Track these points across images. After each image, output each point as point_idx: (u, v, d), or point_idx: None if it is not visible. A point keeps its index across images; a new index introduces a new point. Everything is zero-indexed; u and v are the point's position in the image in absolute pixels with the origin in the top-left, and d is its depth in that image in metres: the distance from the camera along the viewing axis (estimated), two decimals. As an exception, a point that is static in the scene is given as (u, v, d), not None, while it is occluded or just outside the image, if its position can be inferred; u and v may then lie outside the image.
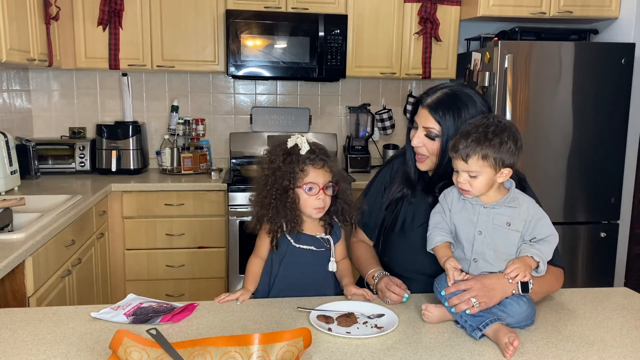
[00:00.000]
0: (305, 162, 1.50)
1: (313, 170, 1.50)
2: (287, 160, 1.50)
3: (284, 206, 1.49)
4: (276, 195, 1.50)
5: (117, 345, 1.10)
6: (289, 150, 1.52)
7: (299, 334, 1.12)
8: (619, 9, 3.46)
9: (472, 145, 1.35)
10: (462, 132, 1.39)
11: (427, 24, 3.54)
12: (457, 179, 1.40)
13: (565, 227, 3.35)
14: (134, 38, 3.36)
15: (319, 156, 1.51)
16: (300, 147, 1.51)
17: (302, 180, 1.50)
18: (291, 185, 1.49)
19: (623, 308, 1.48)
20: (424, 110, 1.57)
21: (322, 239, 1.57)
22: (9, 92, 3.30)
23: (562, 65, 3.21)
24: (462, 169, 1.37)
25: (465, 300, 1.30)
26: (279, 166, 1.50)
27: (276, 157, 1.53)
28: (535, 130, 3.23)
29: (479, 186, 1.37)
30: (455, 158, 1.38)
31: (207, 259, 3.31)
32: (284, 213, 1.49)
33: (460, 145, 1.36)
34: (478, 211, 1.40)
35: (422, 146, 1.57)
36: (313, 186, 1.50)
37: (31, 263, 1.99)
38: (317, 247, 1.56)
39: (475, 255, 1.39)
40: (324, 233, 1.57)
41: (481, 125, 1.37)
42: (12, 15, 2.57)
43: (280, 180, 1.50)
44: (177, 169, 3.54)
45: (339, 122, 3.98)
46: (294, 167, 1.49)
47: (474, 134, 1.36)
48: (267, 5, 3.40)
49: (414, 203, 1.65)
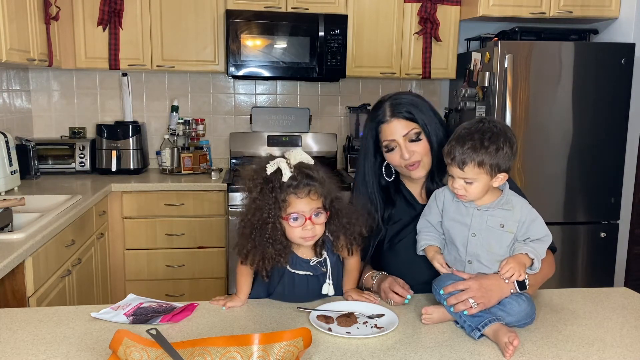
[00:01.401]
0: (287, 190, 1.32)
1: (296, 200, 1.33)
2: (264, 190, 1.34)
3: (262, 240, 1.34)
4: (256, 226, 1.34)
5: (117, 345, 1.10)
6: (269, 177, 1.34)
7: (299, 334, 1.12)
8: (619, 9, 3.46)
9: (468, 153, 1.32)
10: (457, 137, 1.36)
11: (427, 24, 3.54)
12: (452, 184, 1.38)
13: (565, 227, 3.35)
14: (134, 38, 3.36)
15: (303, 182, 1.32)
16: (282, 171, 1.32)
17: (284, 211, 1.34)
18: (270, 217, 1.33)
19: (623, 308, 1.48)
20: (392, 122, 1.55)
21: (317, 264, 1.44)
22: (9, 92, 3.30)
23: (562, 65, 3.21)
24: (458, 175, 1.36)
25: (464, 301, 1.30)
26: (256, 197, 1.35)
27: (253, 186, 1.36)
28: (535, 130, 3.23)
29: (474, 192, 1.36)
30: (451, 165, 1.36)
31: (207, 259, 3.31)
32: (261, 248, 1.34)
33: (456, 153, 1.34)
34: (471, 213, 1.39)
35: (412, 153, 1.55)
36: (299, 216, 1.34)
37: (31, 263, 1.99)
38: (314, 272, 1.44)
39: (469, 257, 1.39)
40: (317, 256, 1.43)
41: (477, 131, 1.34)
42: (12, 15, 2.57)
43: (259, 211, 1.34)
44: (177, 169, 3.54)
45: (339, 122, 3.98)
46: (275, 196, 1.32)
47: (469, 141, 1.33)
48: (267, 5, 3.40)
49: (394, 217, 1.65)
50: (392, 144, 1.56)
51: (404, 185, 1.68)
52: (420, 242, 1.47)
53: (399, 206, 1.66)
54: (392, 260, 1.64)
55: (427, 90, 4.00)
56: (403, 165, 1.58)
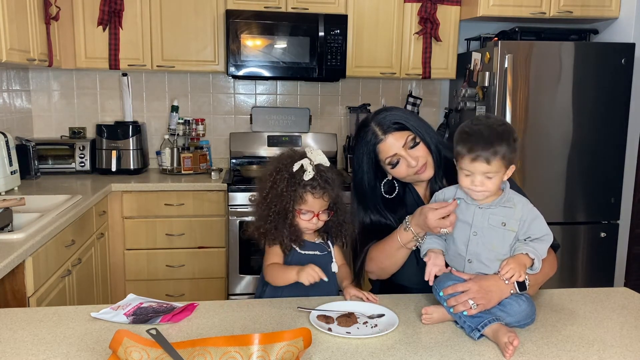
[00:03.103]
0: (305, 188, 1.51)
1: (311, 198, 1.52)
2: (290, 183, 1.51)
3: (284, 224, 1.52)
4: (275, 211, 1.52)
5: (117, 345, 1.10)
6: (294, 173, 1.52)
7: (299, 334, 1.12)
8: (619, 9, 3.46)
9: (494, 147, 1.31)
10: (473, 134, 1.33)
11: (427, 24, 3.54)
12: (470, 183, 1.35)
13: (565, 227, 3.35)
14: (134, 38, 3.36)
15: (321, 185, 1.51)
16: (306, 170, 1.51)
17: (299, 204, 1.52)
18: (290, 207, 1.52)
19: (623, 308, 1.48)
20: (387, 138, 1.55)
21: (322, 243, 1.61)
22: (9, 92, 3.30)
23: (562, 65, 3.21)
24: (482, 171, 1.33)
25: (463, 302, 1.30)
26: (282, 188, 1.51)
27: (281, 177, 1.52)
28: (535, 130, 3.23)
29: (493, 186, 1.35)
30: (475, 161, 1.32)
31: (207, 259, 3.31)
32: (282, 230, 1.53)
33: (479, 149, 1.31)
34: (473, 211, 1.39)
35: (417, 158, 1.56)
36: (309, 212, 1.54)
37: (31, 263, 1.99)
38: (320, 252, 1.59)
39: (469, 256, 1.39)
40: (322, 239, 1.62)
41: (491, 125, 1.34)
42: (12, 15, 2.57)
43: (280, 200, 1.52)
44: (177, 169, 3.54)
45: (339, 122, 3.98)
46: (295, 190, 1.51)
47: (490, 135, 1.32)
48: (267, 5, 3.40)
49: (395, 220, 1.65)
50: (395, 158, 1.57)
51: (411, 186, 1.68)
52: (423, 246, 1.47)
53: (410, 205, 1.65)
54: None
55: (427, 90, 4.01)
56: (412, 174, 1.58)
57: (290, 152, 1.58)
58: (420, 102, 3.91)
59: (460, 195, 1.42)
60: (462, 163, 1.36)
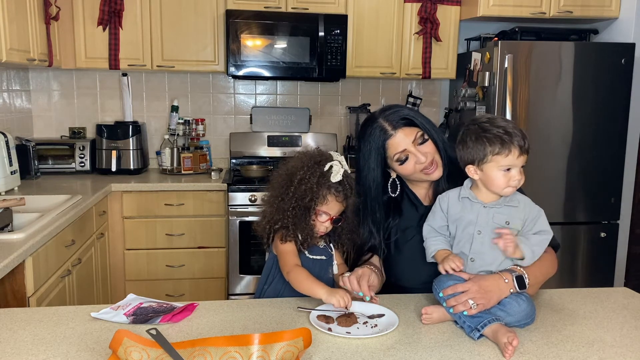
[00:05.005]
0: (330, 189, 1.52)
1: (334, 201, 1.53)
2: (319, 182, 1.52)
3: (303, 220, 1.52)
4: (298, 205, 1.51)
5: (117, 345, 1.09)
6: (325, 173, 1.53)
7: (299, 334, 1.12)
8: (619, 9, 3.46)
9: (525, 140, 1.34)
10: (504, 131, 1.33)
11: (427, 24, 3.54)
12: (511, 178, 1.34)
13: (565, 227, 3.35)
14: (134, 38, 3.36)
15: (345, 191, 1.53)
16: (336, 172, 1.52)
17: (320, 205, 1.53)
18: (314, 205, 1.52)
19: (623, 308, 1.48)
20: (397, 134, 1.55)
21: (325, 247, 1.62)
22: (9, 92, 3.30)
23: (562, 65, 3.21)
24: (522, 163, 1.35)
25: (463, 302, 1.30)
26: (312, 183, 1.51)
27: (312, 173, 1.52)
28: (535, 130, 3.23)
29: (524, 177, 1.37)
30: (520, 156, 1.34)
31: (207, 259, 3.31)
32: (301, 226, 1.53)
33: (516, 140, 1.33)
34: (478, 210, 1.39)
35: (426, 154, 1.55)
36: (325, 214, 1.54)
37: (31, 263, 1.99)
38: (326, 257, 1.61)
39: (472, 255, 1.39)
40: (324, 242, 1.63)
41: (509, 122, 1.37)
42: (12, 15, 2.57)
43: (304, 195, 1.51)
44: (177, 169, 3.54)
45: (339, 122, 3.98)
46: (320, 190, 1.51)
47: (516, 130, 1.35)
48: (267, 5, 3.40)
49: (399, 220, 1.66)
50: (404, 154, 1.56)
51: (407, 187, 1.69)
52: (430, 248, 1.46)
53: (405, 208, 1.66)
54: (396, 261, 1.66)
55: (427, 90, 4.01)
56: (419, 171, 1.57)
57: (318, 152, 1.59)
58: (420, 102, 3.91)
59: (465, 195, 1.43)
60: (502, 160, 1.34)
